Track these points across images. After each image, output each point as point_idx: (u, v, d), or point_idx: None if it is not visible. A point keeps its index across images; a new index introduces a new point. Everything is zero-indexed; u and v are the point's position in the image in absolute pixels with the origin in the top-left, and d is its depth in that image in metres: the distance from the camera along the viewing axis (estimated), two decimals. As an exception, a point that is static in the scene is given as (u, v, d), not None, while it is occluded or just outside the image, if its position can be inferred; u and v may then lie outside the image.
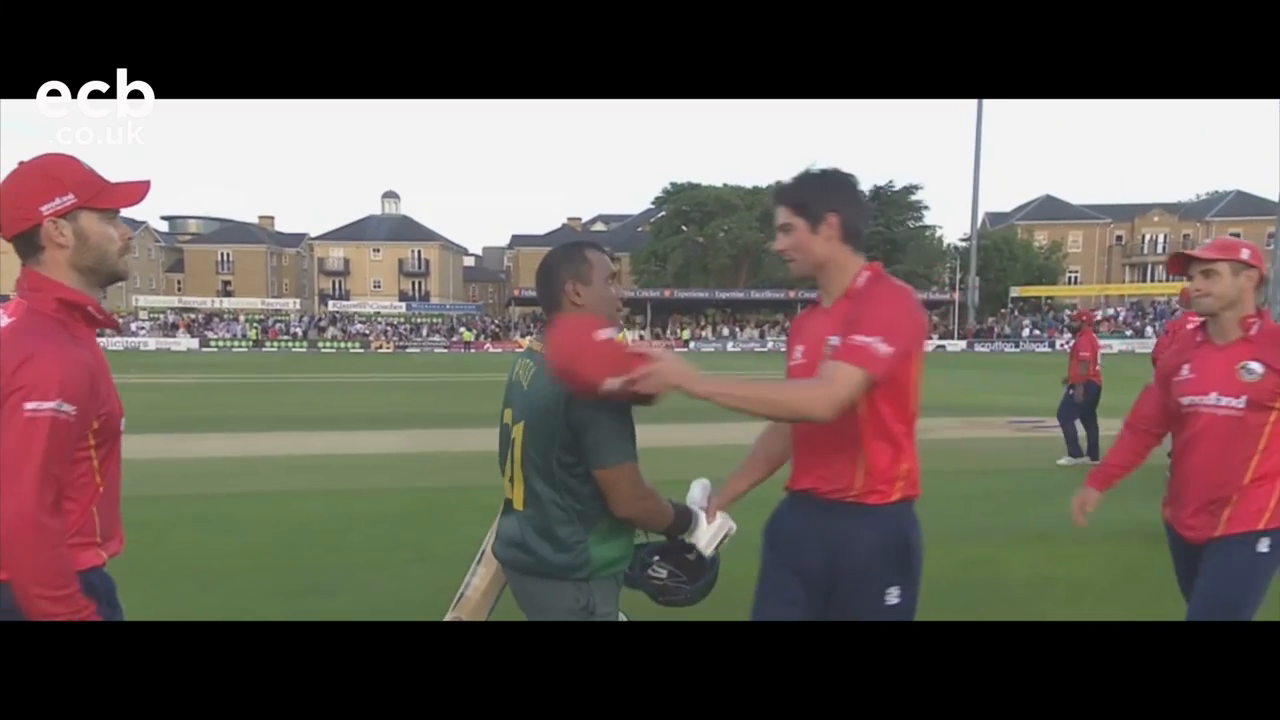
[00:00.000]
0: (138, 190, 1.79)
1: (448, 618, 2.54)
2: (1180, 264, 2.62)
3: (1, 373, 1.55)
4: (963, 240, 63.83)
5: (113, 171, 1.84)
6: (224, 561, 5.17)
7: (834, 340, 1.90)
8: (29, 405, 1.53)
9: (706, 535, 2.18)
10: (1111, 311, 57.51)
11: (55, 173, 1.70)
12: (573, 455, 1.99)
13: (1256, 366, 2.48)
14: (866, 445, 1.94)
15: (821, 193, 1.98)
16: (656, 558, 2.20)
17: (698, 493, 2.27)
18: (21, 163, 1.72)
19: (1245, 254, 2.54)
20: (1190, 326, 8.70)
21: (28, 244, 1.70)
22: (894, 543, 1.98)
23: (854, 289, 1.98)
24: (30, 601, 1.53)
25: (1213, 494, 2.53)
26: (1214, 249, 2.58)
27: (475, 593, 2.51)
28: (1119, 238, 72.57)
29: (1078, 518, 2.87)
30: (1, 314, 1.69)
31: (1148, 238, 71.27)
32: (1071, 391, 8.66)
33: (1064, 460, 8.59)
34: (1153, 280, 67.89)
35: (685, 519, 2.17)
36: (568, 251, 2.15)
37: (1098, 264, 71.84)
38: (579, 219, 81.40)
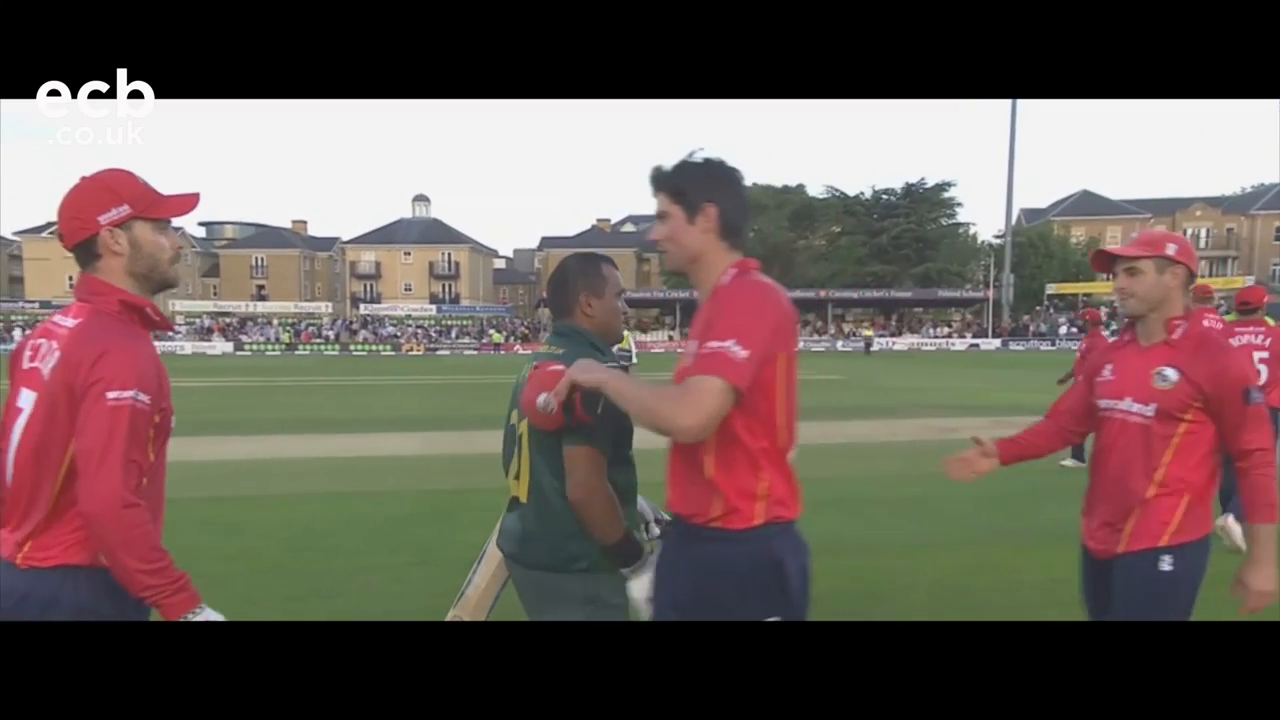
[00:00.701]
0: (187, 202, 1.92)
1: (449, 616, 2.54)
2: (1104, 261, 2.45)
3: (80, 367, 1.69)
4: (997, 237, 63.00)
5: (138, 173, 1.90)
6: (225, 564, 5.19)
7: (693, 346, 1.77)
8: (110, 395, 1.67)
9: (643, 584, 2.04)
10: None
11: (112, 185, 1.83)
12: None
13: (1171, 373, 2.29)
14: (716, 463, 1.76)
15: (702, 182, 1.86)
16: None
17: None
18: (82, 177, 1.85)
19: (1171, 249, 2.35)
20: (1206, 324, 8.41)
21: (87, 252, 1.84)
22: (765, 568, 1.76)
23: (718, 287, 1.83)
24: (131, 578, 1.65)
25: (1117, 506, 2.37)
26: (1137, 244, 2.40)
27: (476, 591, 2.52)
28: (1160, 233, 71.09)
29: (955, 467, 2.65)
30: (65, 318, 1.83)
31: (1190, 232, 69.63)
32: None
33: (1068, 462, 8.41)
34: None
35: (633, 552, 2.07)
36: (583, 264, 2.29)
37: (1138, 260, 70.39)
38: (608, 220, 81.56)
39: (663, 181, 1.89)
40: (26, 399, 1.77)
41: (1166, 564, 2.24)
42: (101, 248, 1.82)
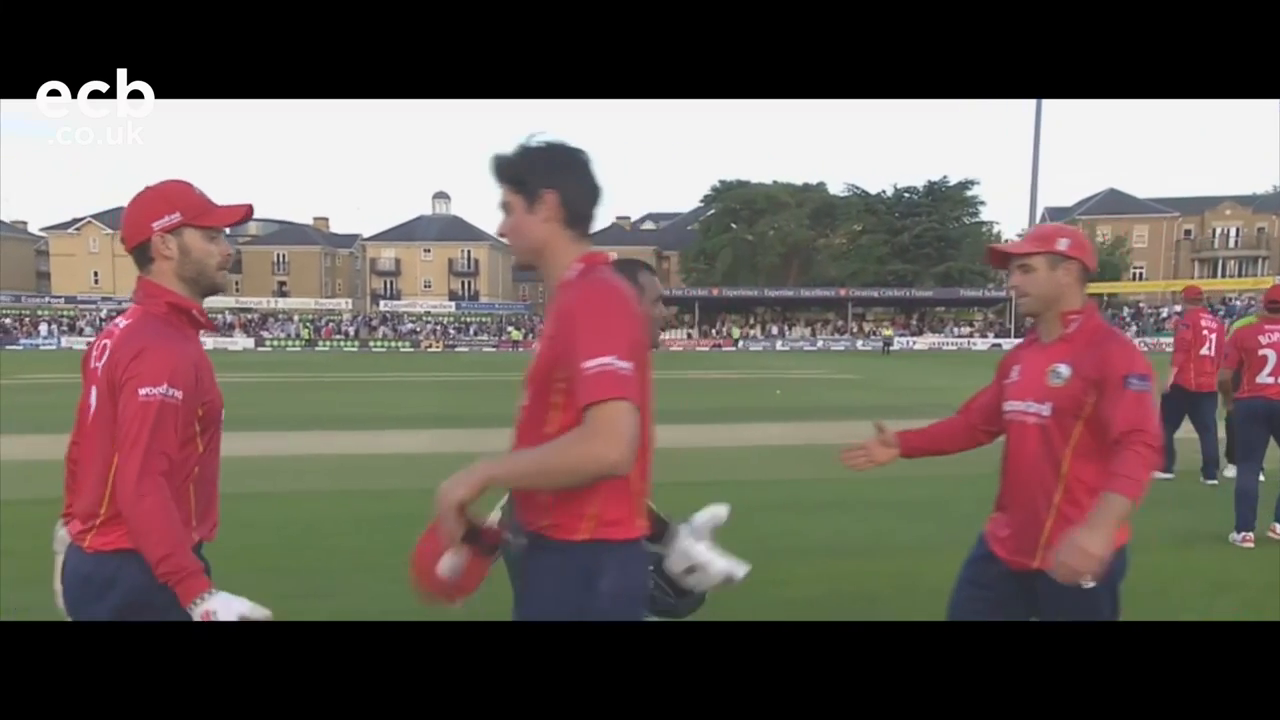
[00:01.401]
0: (237, 212, 2.03)
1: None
2: (999, 258, 2.34)
3: (119, 365, 1.84)
4: (1020, 236, 62.29)
5: (152, 171, 1.95)
6: (223, 564, 5.18)
7: (543, 345, 1.67)
8: (142, 391, 1.80)
9: (676, 556, 2.10)
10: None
11: (167, 194, 1.98)
12: None
13: (1064, 369, 2.19)
14: None
15: (540, 167, 1.74)
16: (650, 568, 2.21)
17: (703, 516, 2.21)
18: (146, 187, 2.01)
19: (1063, 244, 2.26)
20: (1204, 321, 8.18)
21: (142, 255, 1.98)
22: (574, 585, 1.67)
23: (564, 283, 1.72)
24: (151, 563, 1.76)
25: (1027, 514, 2.25)
26: (1028, 240, 2.30)
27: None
28: (1188, 232, 70.10)
29: (853, 456, 2.52)
30: (122, 319, 1.99)
31: (1219, 231, 68.71)
32: None
33: None
34: (1223, 275, 65.45)
35: (657, 529, 2.12)
36: (622, 272, 2.25)
37: (1164, 259, 69.44)
38: (628, 218, 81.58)
39: (500, 170, 1.77)
40: (93, 396, 1.93)
41: (1088, 580, 2.08)
42: (154, 252, 1.96)
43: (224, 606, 1.75)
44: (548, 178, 1.73)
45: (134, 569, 1.81)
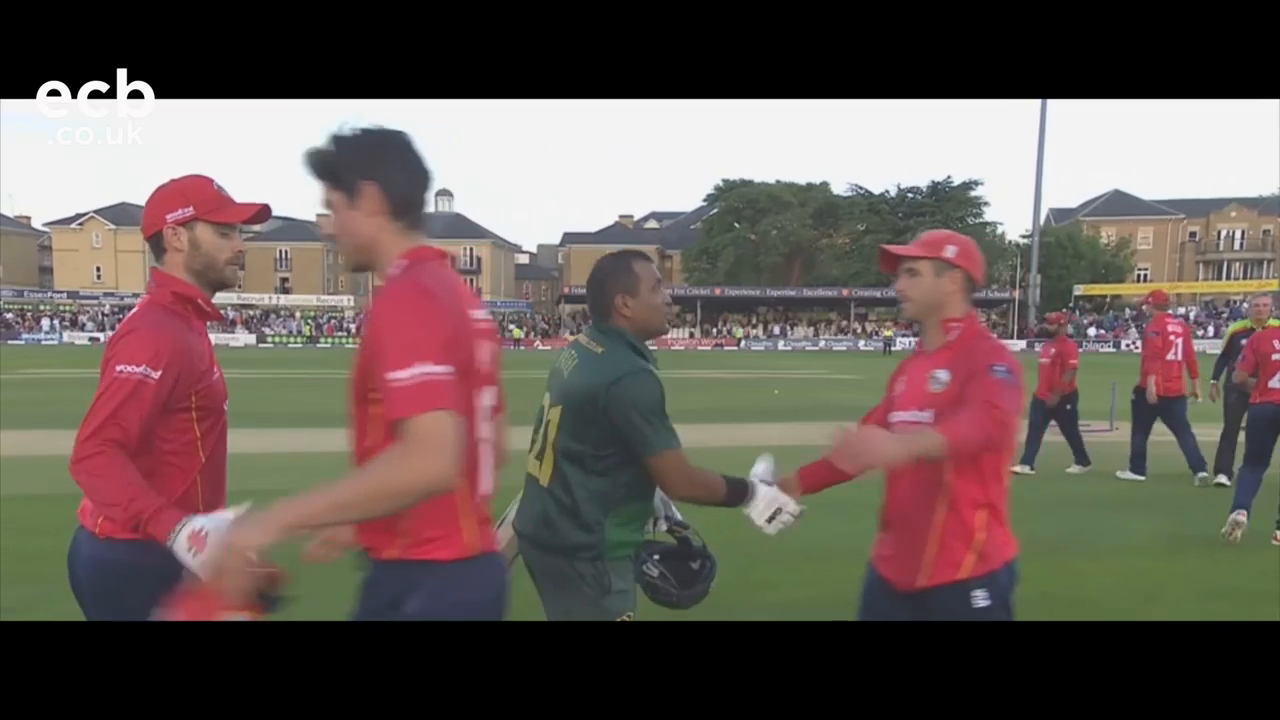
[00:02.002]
0: (249, 209, 2.07)
1: None
2: (889, 260, 2.26)
3: (109, 345, 1.91)
4: (1024, 237, 62.33)
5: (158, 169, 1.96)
6: None
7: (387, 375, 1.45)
8: (119, 367, 1.86)
9: (759, 508, 2.26)
10: (1183, 310, 55.46)
11: (184, 188, 2.04)
12: (608, 448, 2.18)
13: (943, 375, 2.14)
14: None
15: (355, 158, 1.59)
16: (656, 557, 2.29)
17: (760, 467, 2.37)
18: (169, 180, 2.07)
19: (950, 251, 2.19)
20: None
21: (156, 245, 2.05)
22: (376, 607, 1.58)
23: (389, 278, 1.59)
24: (116, 517, 1.82)
25: (910, 530, 2.16)
26: (916, 245, 2.23)
27: None
28: (1193, 234, 69.95)
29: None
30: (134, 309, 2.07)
31: (1224, 234, 68.54)
32: (1064, 405, 8.32)
33: (1074, 469, 8.40)
34: (1228, 278, 65.30)
35: (740, 491, 2.26)
36: (615, 264, 2.34)
37: (1169, 261, 69.33)
38: (631, 216, 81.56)
39: (314, 166, 1.62)
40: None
41: (981, 599, 2.05)
42: (165, 243, 2.02)
43: (207, 521, 1.75)
44: (365, 169, 1.59)
45: (140, 550, 1.82)
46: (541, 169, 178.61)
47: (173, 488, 1.93)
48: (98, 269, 70.79)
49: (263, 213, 2.09)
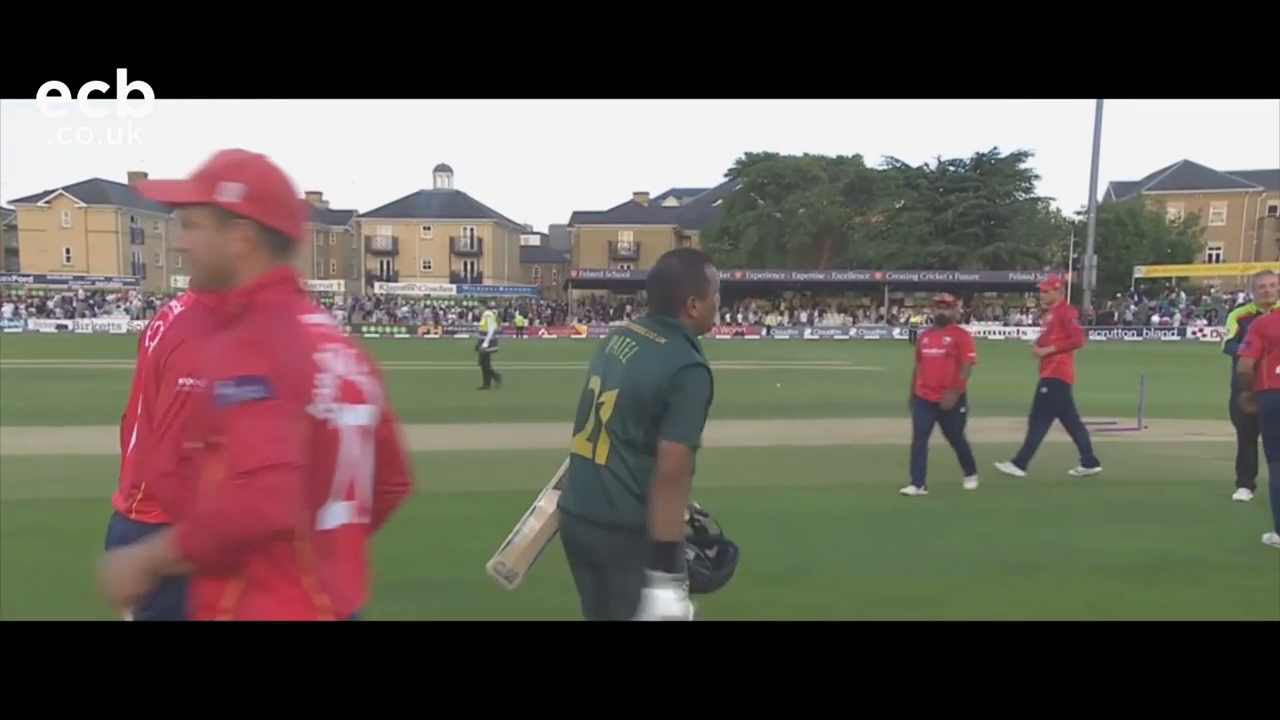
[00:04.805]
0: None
1: (491, 564, 2.75)
2: (167, 200, 1.85)
3: (164, 351, 2.09)
4: (1079, 213, 61.65)
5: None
6: None
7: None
8: (180, 381, 2.01)
9: (670, 604, 2.32)
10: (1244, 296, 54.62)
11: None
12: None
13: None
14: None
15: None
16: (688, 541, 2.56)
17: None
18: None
19: (230, 192, 1.70)
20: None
21: None
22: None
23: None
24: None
25: None
26: (189, 184, 1.74)
27: (524, 540, 2.74)
28: (1273, 208, 68.33)
29: None
30: (177, 304, 2.21)
31: (1304, 209, 67.29)
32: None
33: (1076, 470, 8.27)
34: (1310, 258, 64.21)
35: (677, 563, 2.39)
36: (689, 265, 2.61)
37: (1245, 239, 67.94)
38: (646, 193, 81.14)
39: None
40: (142, 375, 2.16)
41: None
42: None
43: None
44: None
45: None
46: (548, 141, 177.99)
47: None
48: (67, 251, 70.57)
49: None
